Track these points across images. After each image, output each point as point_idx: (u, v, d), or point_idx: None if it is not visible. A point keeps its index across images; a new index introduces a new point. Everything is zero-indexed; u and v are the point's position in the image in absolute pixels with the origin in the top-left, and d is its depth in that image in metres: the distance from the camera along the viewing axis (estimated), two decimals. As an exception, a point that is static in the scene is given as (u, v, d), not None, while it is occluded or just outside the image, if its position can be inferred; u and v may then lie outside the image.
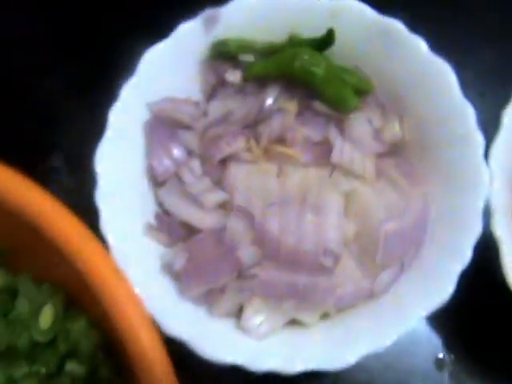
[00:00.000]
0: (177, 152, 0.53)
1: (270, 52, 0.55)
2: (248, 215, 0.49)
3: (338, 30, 0.54)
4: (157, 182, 0.53)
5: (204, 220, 0.50)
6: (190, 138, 0.54)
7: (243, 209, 0.49)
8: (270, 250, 0.49)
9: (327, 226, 0.49)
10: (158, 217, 0.53)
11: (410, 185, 0.53)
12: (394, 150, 0.55)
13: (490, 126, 0.54)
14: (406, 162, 0.55)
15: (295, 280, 0.49)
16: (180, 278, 0.50)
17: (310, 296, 0.49)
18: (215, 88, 0.56)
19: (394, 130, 0.55)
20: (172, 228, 0.52)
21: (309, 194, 0.51)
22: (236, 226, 0.49)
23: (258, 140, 0.53)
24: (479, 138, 0.51)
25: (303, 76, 0.53)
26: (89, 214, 0.48)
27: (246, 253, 0.48)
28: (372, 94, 0.56)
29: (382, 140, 0.54)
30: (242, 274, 0.49)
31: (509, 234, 0.51)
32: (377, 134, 0.54)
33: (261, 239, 0.49)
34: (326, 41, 0.53)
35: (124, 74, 0.53)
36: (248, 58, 0.55)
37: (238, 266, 0.48)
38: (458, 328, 0.60)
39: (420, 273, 0.51)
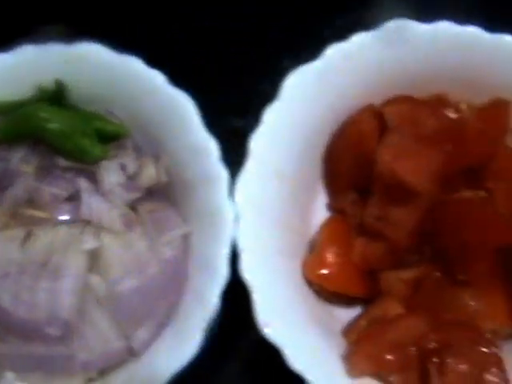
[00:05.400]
0: None
1: (14, 111, 0.53)
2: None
3: (81, 76, 0.52)
4: None
5: None
6: None
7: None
8: (4, 323, 0.47)
9: (61, 292, 0.47)
10: None
11: (158, 231, 0.49)
12: (154, 194, 0.52)
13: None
14: (165, 206, 0.51)
15: (32, 351, 0.47)
16: None
17: (51, 365, 0.47)
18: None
19: (149, 173, 0.51)
20: None
21: (53, 257, 0.49)
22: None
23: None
24: (223, 174, 0.48)
25: (41, 134, 0.50)
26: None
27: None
28: (129, 138, 0.53)
29: (136, 186, 0.51)
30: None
31: (260, 276, 0.47)
32: (130, 180, 0.51)
33: (-5, 313, 0.47)
34: (57, 93, 0.51)
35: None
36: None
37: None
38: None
39: (175, 327, 0.48)
